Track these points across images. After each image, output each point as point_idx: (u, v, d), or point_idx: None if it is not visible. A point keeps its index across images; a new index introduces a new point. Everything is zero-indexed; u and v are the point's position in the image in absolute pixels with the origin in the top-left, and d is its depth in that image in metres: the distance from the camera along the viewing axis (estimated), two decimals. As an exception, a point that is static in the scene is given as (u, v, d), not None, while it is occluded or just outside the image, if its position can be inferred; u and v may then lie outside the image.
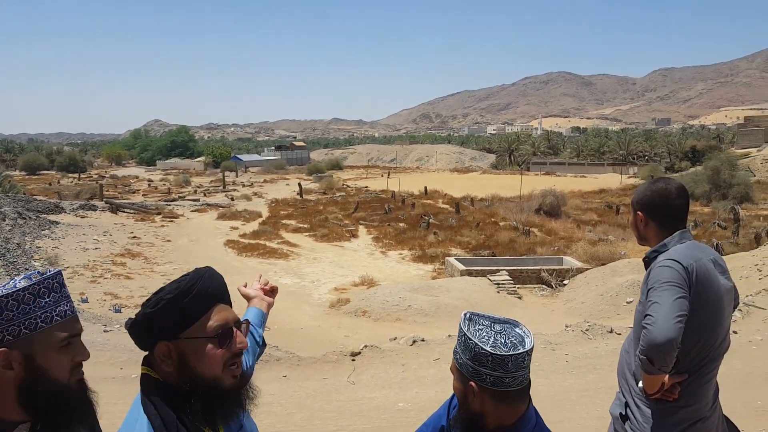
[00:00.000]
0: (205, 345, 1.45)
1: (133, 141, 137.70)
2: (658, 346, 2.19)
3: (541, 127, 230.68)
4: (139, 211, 40.71)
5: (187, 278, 1.50)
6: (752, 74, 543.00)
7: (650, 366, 2.25)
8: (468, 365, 1.65)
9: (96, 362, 8.87)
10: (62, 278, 1.43)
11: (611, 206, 39.33)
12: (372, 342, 10.10)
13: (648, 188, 2.61)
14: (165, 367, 1.46)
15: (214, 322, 1.47)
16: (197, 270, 1.54)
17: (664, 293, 2.28)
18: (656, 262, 2.44)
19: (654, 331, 2.20)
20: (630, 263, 20.10)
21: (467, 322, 1.67)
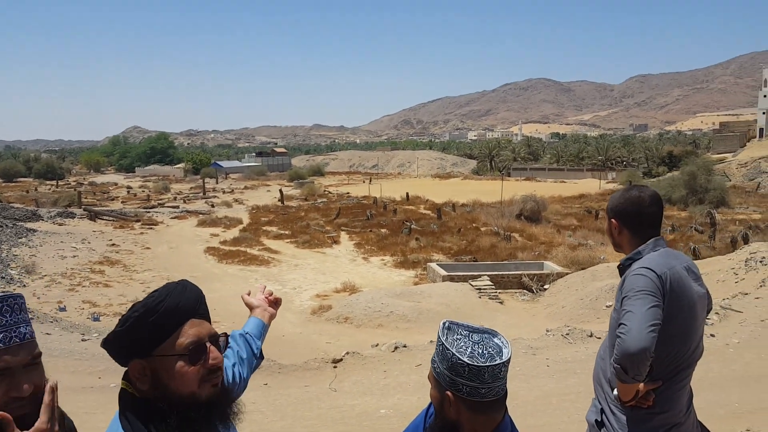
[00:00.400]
0: (176, 362, 1.41)
1: (111, 148, 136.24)
2: (632, 356, 2.19)
3: (522, 133, 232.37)
4: (118, 219, 40.26)
5: (155, 295, 1.46)
6: (727, 81, 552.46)
7: (624, 375, 2.25)
8: (445, 375, 1.62)
9: (74, 371, 8.75)
10: (4, 304, 1.31)
11: (590, 211, 39.70)
12: (354, 348, 10.08)
13: (622, 196, 2.61)
14: (140, 385, 1.43)
15: (185, 338, 1.43)
16: (167, 285, 1.50)
17: (637, 302, 2.29)
18: (630, 270, 2.45)
19: (627, 340, 2.20)
20: (609, 268, 20.29)
21: (446, 331, 1.66)
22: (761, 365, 7.78)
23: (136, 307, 1.43)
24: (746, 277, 14.83)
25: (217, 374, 1.48)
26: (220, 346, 1.53)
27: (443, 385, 1.64)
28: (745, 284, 13.99)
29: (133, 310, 1.43)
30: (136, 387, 1.44)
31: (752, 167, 61.54)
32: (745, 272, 15.21)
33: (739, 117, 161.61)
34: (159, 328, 1.42)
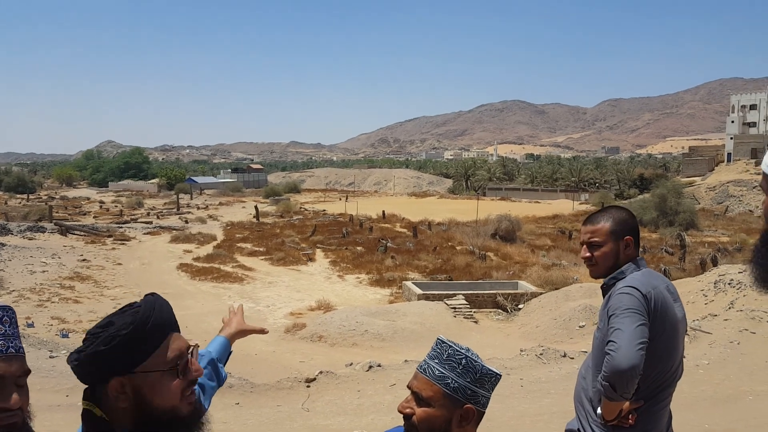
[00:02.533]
0: (162, 377, 1.39)
1: (85, 162, 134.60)
2: (622, 373, 2.21)
3: (497, 154, 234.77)
4: (90, 234, 39.63)
5: (140, 310, 1.41)
6: (696, 106, 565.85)
7: (612, 392, 2.26)
8: (467, 388, 1.60)
9: (41, 389, 8.53)
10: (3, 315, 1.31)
11: (564, 231, 40.16)
12: (328, 368, 10.00)
13: (627, 213, 2.65)
14: (120, 404, 1.38)
15: (171, 352, 1.41)
16: (148, 299, 1.46)
17: (625, 320, 2.31)
18: (615, 288, 2.47)
19: (617, 357, 2.22)
20: (582, 288, 20.50)
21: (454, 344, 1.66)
22: (730, 386, 7.90)
23: (121, 324, 1.39)
24: (715, 298, 15.09)
25: (193, 387, 1.47)
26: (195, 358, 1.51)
27: (461, 399, 1.61)
28: (714, 306, 14.23)
29: (117, 327, 1.38)
30: (114, 405, 1.39)
31: (720, 191, 62.93)
32: (714, 294, 15.48)
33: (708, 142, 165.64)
34: (147, 343, 1.39)
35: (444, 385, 1.60)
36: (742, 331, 10.54)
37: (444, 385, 1.60)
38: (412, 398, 1.64)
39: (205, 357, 2.01)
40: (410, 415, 1.63)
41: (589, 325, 16.40)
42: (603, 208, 2.72)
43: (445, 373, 1.61)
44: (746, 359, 9.13)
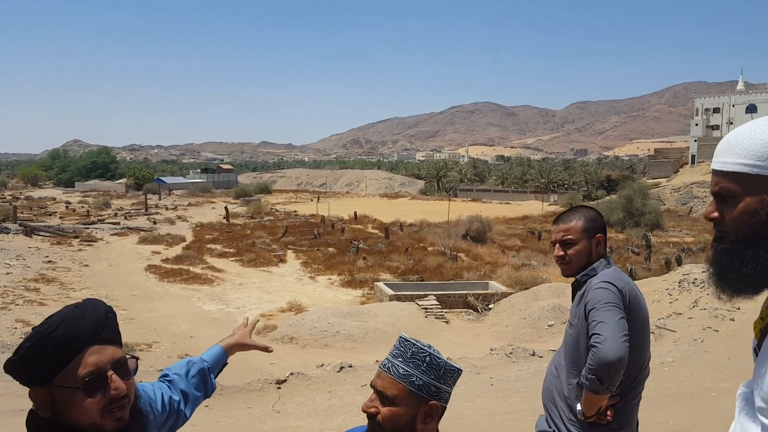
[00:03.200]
0: (75, 394, 1.32)
1: (50, 161, 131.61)
2: (609, 365, 2.21)
3: (468, 155, 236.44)
4: (56, 235, 38.81)
5: (50, 321, 1.36)
6: (661, 109, 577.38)
7: (599, 385, 2.26)
8: (432, 385, 1.62)
9: (4, 393, 8.35)
10: None
11: (534, 232, 40.63)
12: (299, 369, 9.96)
13: (596, 212, 2.69)
14: (42, 413, 1.35)
15: (83, 369, 1.33)
16: (64, 310, 1.40)
17: (607, 313, 2.32)
18: (590, 284, 2.49)
19: (604, 349, 2.22)
20: (551, 287, 20.76)
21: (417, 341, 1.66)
22: (694, 383, 8.09)
23: (29, 336, 1.34)
24: (680, 297, 15.41)
25: (121, 403, 1.38)
26: (129, 370, 1.43)
27: (426, 396, 1.62)
28: (679, 304, 14.53)
29: (26, 339, 1.34)
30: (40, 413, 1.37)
31: (685, 192, 64.34)
32: (678, 293, 15.81)
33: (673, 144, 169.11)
34: (53, 358, 1.32)
35: (409, 383, 1.60)
36: (705, 329, 10.80)
37: (409, 383, 1.61)
38: (376, 397, 1.64)
39: (196, 365, 1.95)
40: (375, 415, 1.63)
41: (557, 324, 16.62)
42: (572, 208, 2.75)
43: (410, 371, 1.62)
44: (709, 356, 9.35)
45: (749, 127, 1.27)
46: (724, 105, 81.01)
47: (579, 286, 2.59)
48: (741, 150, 1.24)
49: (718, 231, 1.31)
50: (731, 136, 1.28)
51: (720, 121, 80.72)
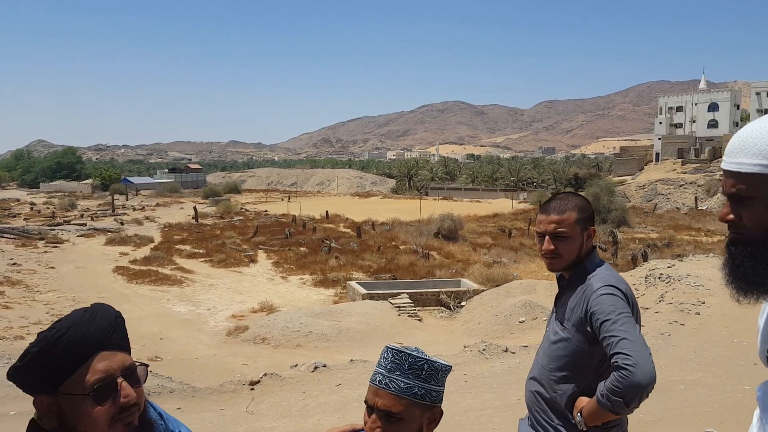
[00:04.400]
0: (83, 402, 1.27)
1: (14, 162, 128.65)
2: (642, 389, 2.05)
3: (439, 154, 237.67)
4: (20, 236, 37.89)
5: (57, 326, 1.30)
6: (626, 108, 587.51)
7: (622, 407, 2.10)
8: (432, 390, 1.58)
9: (4, 397, 8.13)
10: None
11: (504, 230, 41.01)
12: (272, 370, 9.90)
13: (587, 200, 2.47)
14: (47, 422, 1.30)
15: (91, 375, 1.28)
16: (73, 314, 1.34)
17: (627, 327, 2.14)
18: (589, 286, 2.30)
19: (637, 373, 2.03)
20: (522, 284, 20.99)
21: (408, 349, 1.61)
22: (662, 376, 8.22)
23: (36, 341, 1.28)
24: (646, 292, 15.69)
25: (131, 412, 1.33)
26: (138, 377, 1.38)
27: (429, 403, 1.58)
28: (646, 299, 14.80)
29: (32, 344, 1.28)
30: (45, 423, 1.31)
31: (649, 189, 65.67)
32: (645, 288, 16.10)
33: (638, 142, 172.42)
34: (61, 364, 1.27)
35: (411, 395, 1.55)
36: (672, 323, 11.03)
37: (411, 395, 1.55)
38: (377, 417, 1.58)
39: None
40: None
41: (528, 321, 16.82)
42: (560, 195, 2.49)
43: (410, 382, 1.56)
44: (676, 350, 9.56)
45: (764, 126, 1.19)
46: (687, 104, 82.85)
47: (571, 285, 2.39)
48: (759, 150, 1.17)
49: (734, 233, 1.26)
50: (746, 136, 1.21)
51: (683, 120, 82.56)
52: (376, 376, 1.61)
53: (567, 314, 2.36)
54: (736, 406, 7.20)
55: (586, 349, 2.30)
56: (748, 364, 8.39)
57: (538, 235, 2.46)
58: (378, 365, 1.63)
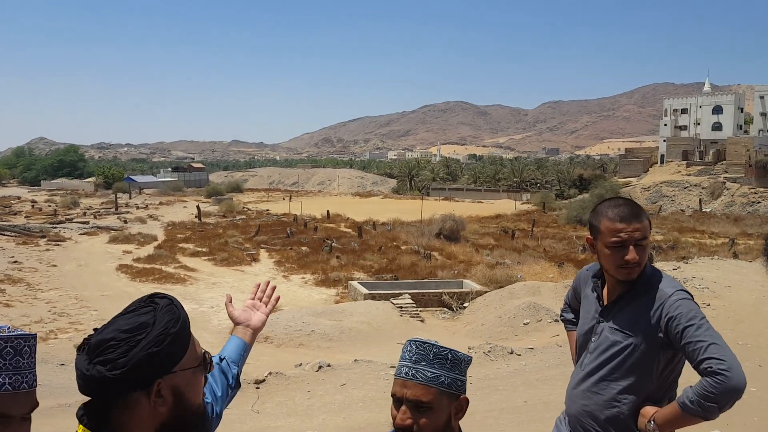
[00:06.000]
0: (195, 373, 1.35)
1: (15, 159, 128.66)
2: (738, 393, 2.01)
3: (440, 154, 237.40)
4: (21, 234, 37.96)
5: (172, 307, 1.33)
6: (631, 109, 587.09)
7: (716, 413, 2.05)
8: (458, 380, 1.64)
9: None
10: (24, 345, 1.20)
11: (507, 231, 40.94)
12: (276, 368, 9.87)
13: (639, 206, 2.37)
14: (158, 407, 1.29)
15: (197, 347, 1.37)
16: (164, 297, 1.36)
17: (710, 331, 2.09)
18: (662, 292, 2.24)
19: (734, 378, 1.99)
20: (526, 286, 20.93)
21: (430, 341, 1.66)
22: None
23: (165, 322, 1.29)
24: (652, 294, 15.67)
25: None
26: None
27: (455, 392, 1.64)
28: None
29: (163, 325, 1.28)
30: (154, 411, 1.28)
31: (654, 191, 65.57)
32: (650, 290, 16.06)
33: (642, 144, 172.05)
34: (187, 339, 1.34)
35: (439, 384, 1.60)
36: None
37: (438, 384, 1.60)
38: (407, 408, 1.61)
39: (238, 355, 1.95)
40: (410, 427, 1.60)
41: (533, 323, 16.76)
42: (621, 201, 2.37)
43: (437, 372, 1.61)
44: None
45: None
46: (691, 106, 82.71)
47: (632, 290, 2.30)
48: None
49: None
50: None
51: (688, 122, 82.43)
52: (401, 369, 1.65)
53: (630, 322, 2.29)
54: (743, 407, 7.15)
55: (653, 356, 2.25)
56: (753, 366, 8.35)
57: (612, 246, 2.29)
58: (402, 359, 1.68)
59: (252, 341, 1.99)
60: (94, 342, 1.27)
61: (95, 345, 1.27)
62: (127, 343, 1.26)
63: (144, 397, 1.29)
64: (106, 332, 1.28)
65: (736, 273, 15.62)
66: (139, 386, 1.28)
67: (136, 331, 1.27)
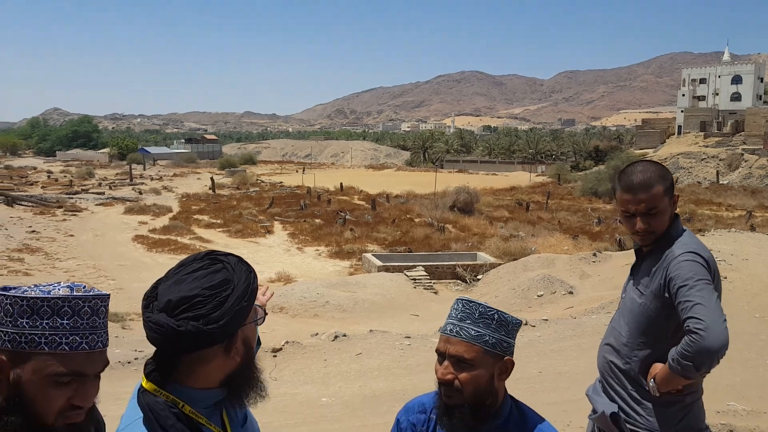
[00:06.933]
0: (256, 325, 1.45)
1: (30, 130, 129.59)
2: (712, 354, 2.04)
3: (454, 126, 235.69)
4: (38, 204, 38.38)
5: (242, 265, 1.38)
6: (648, 79, 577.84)
7: (693, 371, 2.10)
8: (503, 341, 1.66)
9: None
10: (101, 304, 1.22)
11: (521, 203, 40.78)
12: (291, 338, 9.99)
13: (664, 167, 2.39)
14: (236, 357, 1.36)
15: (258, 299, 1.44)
16: (214, 252, 1.42)
17: (704, 293, 2.11)
18: (670, 252, 2.27)
19: (708, 337, 2.02)
20: (540, 258, 20.90)
21: (479, 301, 1.69)
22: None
23: (244, 278, 1.35)
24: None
25: None
26: None
27: (500, 353, 1.66)
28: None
29: (242, 280, 1.35)
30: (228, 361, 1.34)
31: (671, 162, 64.79)
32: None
33: (659, 114, 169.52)
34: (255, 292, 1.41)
35: (483, 343, 1.64)
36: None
37: (483, 342, 1.64)
38: (449, 364, 1.66)
39: None
40: (452, 381, 1.65)
41: (547, 294, 16.78)
42: (639, 167, 2.36)
43: (481, 331, 1.64)
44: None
45: None
46: (710, 76, 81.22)
47: (652, 252, 2.35)
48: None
49: None
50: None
51: (706, 92, 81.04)
52: (447, 326, 1.70)
53: (645, 281, 2.35)
54: (758, 380, 7.16)
55: (664, 316, 2.29)
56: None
57: (623, 215, 2.37)
58: (449, 317, 1.72)
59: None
60: (176, 299, 1.29)
61: (178, 302, 1.29)
62: (215, 299, 1.30)
63: (223, 349, 1.34)
64: (183, 290, 1.31)
65: (754, 246, 15.48)
66: (225, 338, 1.33)
67: (220, 287, 1.32)
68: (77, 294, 1.20)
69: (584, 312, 12.16)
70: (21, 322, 1.16)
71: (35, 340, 1.16)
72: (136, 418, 1.30)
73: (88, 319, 1.20)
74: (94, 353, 1.20)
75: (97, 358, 1.22)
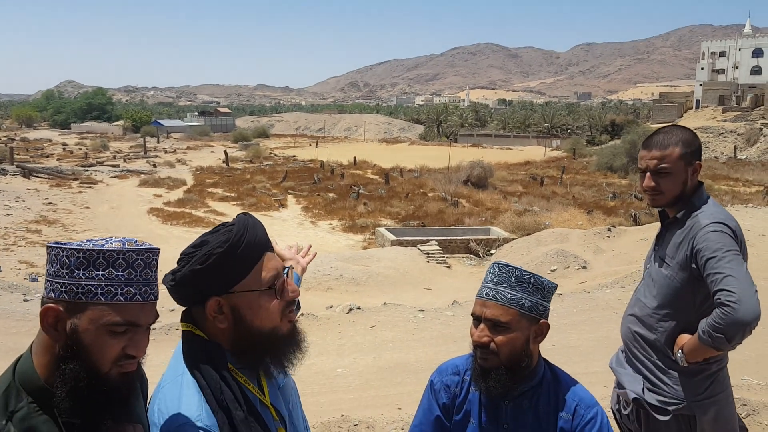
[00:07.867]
0: (260, 297, 1.39)
1: (45, 102, 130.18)
2: (745, 326, 2.01)
3: (469, 99, 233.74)
4: (54, 176, 38.71)
5: (234, 228, 1.40)
6: (666, 52, 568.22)
7: (724, 343, 2.07)
8: (539, 304, 1.69)
9: (17, 332, 8.47)
10: (152, 258, 1.26)
11: (536, 178, 40.54)
12: (305, 310, 10.08)
13: (693, 134, 2.38)
14: (218, 324, 1.39)
15: (267, 272, 1.40)
16: (241, 218, 1.44)
17: (733, 264, 2.08)
18: (696, 223, 2.24)
19: (741, 310, 2.00)
20: (554, 233, 20.83)
21: (514, 265, 1.72)
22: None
23: (216, 243, 1.36)
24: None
25: (293, 307, 1.48)
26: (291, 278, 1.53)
27: (536, 316, 1.70)
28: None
29: (212, 245, 1.36)
30: (212, 326, 1.39)
31: (688, 138, 63.89)
32: (681, 238, 15.87)
33: (677, 88, 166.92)
34: (243, 262, 1.38)
35: (519, 306, 1.67)
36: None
37: (519, 306, 1.67)
38: (485, 327, 1.69)
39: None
40: (487, 344, 1.69)
41: (560, 269, 16.76)
42: (665, 129, 2.42)
43: (517, 294, 1.67)
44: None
45: None
46: (730, 49, 79.66)
47: (677, 222, 2.34)
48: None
49: None
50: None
51: (726, 65, 79.57)
52: (482, 290, 1.73)
53: (671, 251, 2.34)
54: (775, 355, 7.14)
55: (690, 287, 2.28)
56: (787, 316, 8.28)
57: (639, 172, 2.43)
58: (484, 281, 1.75)
59: (302, 275, 2.09)
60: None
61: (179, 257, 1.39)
62: (186, 258, 1.38)
63: (203, 312, 1.39)
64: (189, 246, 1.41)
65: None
66: (194, 300, 1.40)
67: (195, 248, 1.38)
68: (130, 247, 1.24)
69: (597, 287, 12.14)
70: (77, 274, 1.20)
71: (92, 290, 1.20)
72: (181, 372, 1.38)
73: (141, 272, 1.24)
74: (147, 305, 1.25)
75: (149, 310, 1.26)
